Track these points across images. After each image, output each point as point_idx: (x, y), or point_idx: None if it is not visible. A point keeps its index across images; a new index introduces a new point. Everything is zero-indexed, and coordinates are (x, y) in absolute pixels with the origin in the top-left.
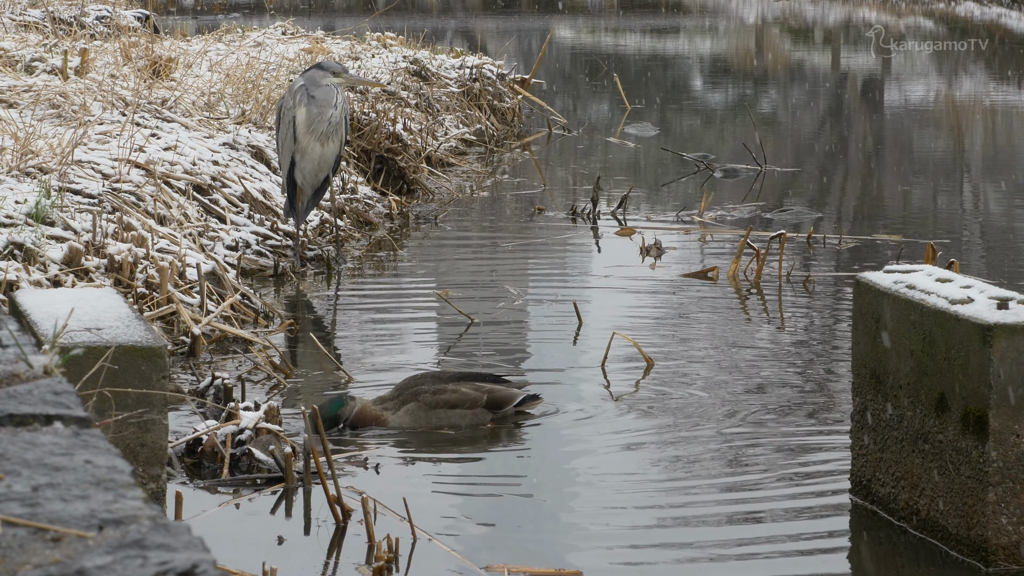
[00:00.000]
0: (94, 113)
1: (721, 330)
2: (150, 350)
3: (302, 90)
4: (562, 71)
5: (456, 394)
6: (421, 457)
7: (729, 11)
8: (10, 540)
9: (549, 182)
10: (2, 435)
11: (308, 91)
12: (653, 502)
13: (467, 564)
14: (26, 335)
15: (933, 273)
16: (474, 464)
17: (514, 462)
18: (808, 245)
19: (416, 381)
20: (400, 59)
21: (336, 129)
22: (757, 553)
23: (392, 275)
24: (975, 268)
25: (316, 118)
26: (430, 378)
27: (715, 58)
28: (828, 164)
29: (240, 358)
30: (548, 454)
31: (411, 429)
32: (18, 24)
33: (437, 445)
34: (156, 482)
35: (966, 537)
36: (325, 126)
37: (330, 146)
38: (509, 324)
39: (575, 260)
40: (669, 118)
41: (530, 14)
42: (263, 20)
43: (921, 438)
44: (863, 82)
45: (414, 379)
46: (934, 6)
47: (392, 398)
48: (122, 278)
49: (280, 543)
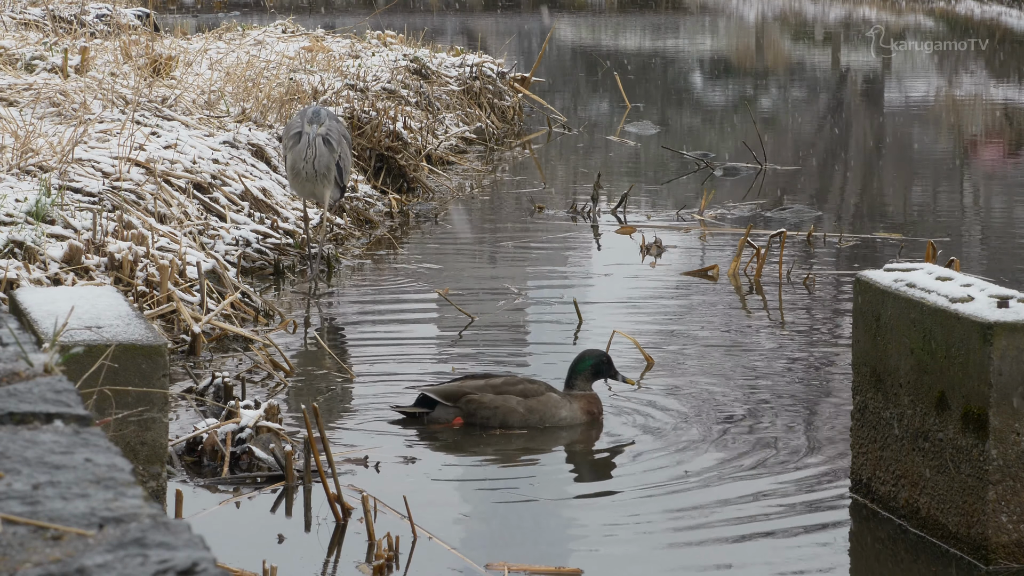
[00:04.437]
0: (94, 111)
1: (721, 328)
2: (150, 348)
3: (294, 138)
4: (562, 69)
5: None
6: (421, 456)
7: (729, 9)
8: (10, 538)
9: (549, 180)
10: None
11: (298, 133)
12: (653, 500)
13: (467, 562)
14: (26, 333)
15: (933, 271)
16: (474, 463)
17: (514, 461)
18: (808, 243)
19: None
20: (400, 57)
21: (324, 172)
22: (757, 551)
23: (392, 273)
24: (975, 266)
25: (300, 164)
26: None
27: (715, 56)
28: (828, 162)
29: (240, 356)
30: (548, 453)
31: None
32: (18, 22)
33: (437, 444)
34: (156, 480)
35: (966, 535)
36: (309, 170)
37: (319, 186)
38: (509, 323)
39: (575, 258)
40: (669, 116)
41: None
42: (263, 18)
43: (921, 436)
44: (863, 81)
45: (516, 378)
46: (934, 4)
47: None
48: (122, 276)
49: (280, 541)
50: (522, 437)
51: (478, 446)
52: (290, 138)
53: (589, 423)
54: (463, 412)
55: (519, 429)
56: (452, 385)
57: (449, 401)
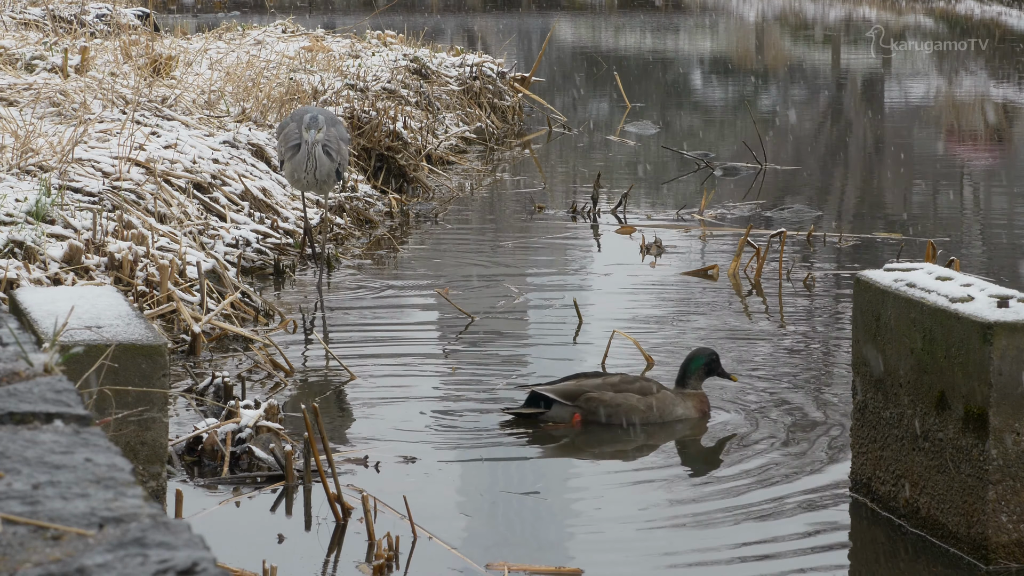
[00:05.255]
0: (94, 111)
1: (721, 328)
2: (150, 348)
3: (293, 149)
4: (562, 69)
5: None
6: (421, 456)
7: (729, 9)
8: (10, 538)
9: (549, 180)
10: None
11: (297, 144)
12: (653, 500)
13: (467, 562)
14: (26, 333)
15: (933, 271)
16: (474, 462)
17: (514, 460)
18: (808, 243)
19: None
20: (400, 57)
21: (325, 179)
22: (757, 551)
23: (392, 273)
24: (975, 266)
25: (299, 174)
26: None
27: (715, 56)
28: (828, 162)
29: (240, 356)
30: (548, 452)
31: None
32: (18, 22)
33: (437, 443)
34: (156, 480)
35: (966, 535)
36: (310, 179)
37: (318, 189)
38: (509, 322)
39: (575, 258)
40: (669, 116)
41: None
42: (263, 18)
43: (921, 436)
44: (863, 81)
45: (620, 377)
46: (934, 4)
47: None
48: (122, 276)
49: (280, 541)
50: (522, 436)
51: (478, 445)
52: (288, 148)
53: (702, 420)
54: (582, 410)
55: (639, 425)
56: (569, 384)
57: (567, 400)
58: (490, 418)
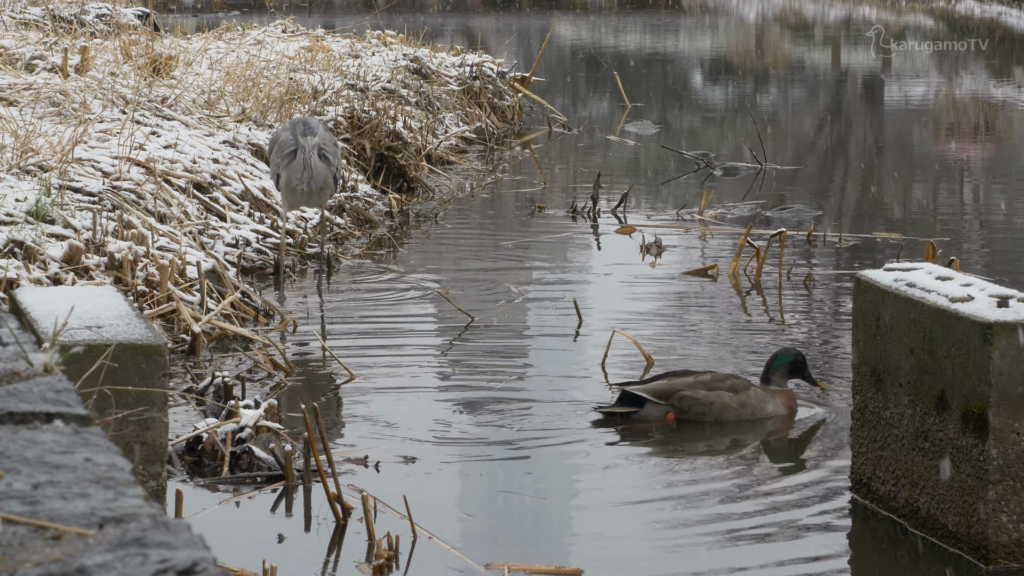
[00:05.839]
0: (94, 111)
1: (721, 328)
2: (150, 348)
3: (289, 156)
4: (562, 69)
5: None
6: (421, 456)
7: (729, 9)
8: (10, 538)
9: (549, 180)
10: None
11: (293, 151)
12: (653, 499)
13: (467, 562)
14: (26, 333)
15: (933, 271)
16: (474, 462)
17: (514, 460)
18: (808, 243)
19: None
20: (400, 57)
21: (322, 186)
22: (758, 551)
23: (392, 273)
24: (975, 266)
25: (295, 182)
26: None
27: (715, 56)
28: (828, 162)
29: (240, 356)
30: (548, 452)
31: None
32: (18, 22)
33: (437, 443)
34: (156, 480)
35: (966, 535)
36: (304, 188)
37: (315, 199)
38: (509, 322)
39: (575, 258)
40: (669, 116)
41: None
42: (263, 18)
43: (921, 436)
44: (863, 81)
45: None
46: (934, 4)
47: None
48: (122, 276)
49: (280, 541)
50: (522, 436)
51: (478, 445)
52: (284, 156)
53: (789, 416)
54: (676, 408)
55: (732, 422)
56: (661, 383)
57: (660, 399)
58: (490, 418)
